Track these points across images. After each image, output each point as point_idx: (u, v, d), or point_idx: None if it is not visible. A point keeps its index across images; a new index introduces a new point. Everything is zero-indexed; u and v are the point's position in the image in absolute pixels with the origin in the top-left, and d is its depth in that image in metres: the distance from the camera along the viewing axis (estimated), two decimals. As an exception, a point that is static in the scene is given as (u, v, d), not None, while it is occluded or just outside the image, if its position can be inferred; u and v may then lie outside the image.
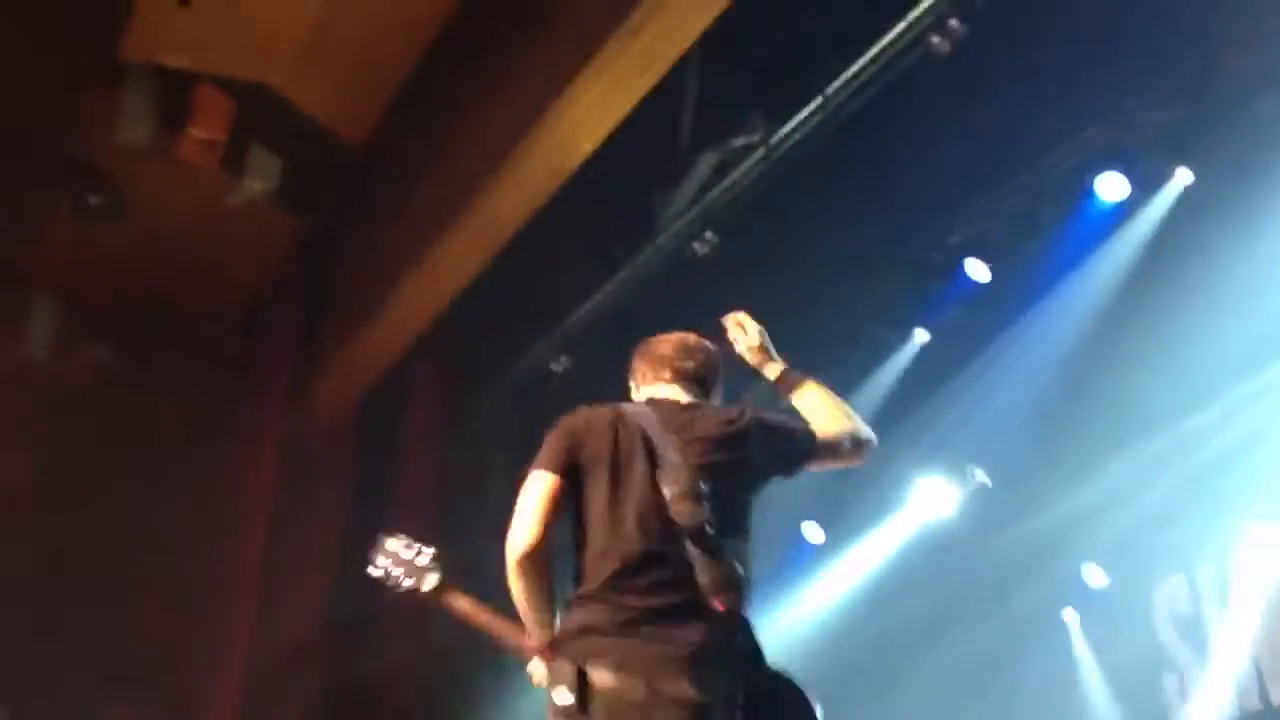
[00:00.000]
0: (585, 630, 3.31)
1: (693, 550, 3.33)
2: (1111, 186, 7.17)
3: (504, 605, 3.59)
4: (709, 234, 7.98)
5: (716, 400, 4.01)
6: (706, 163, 7.88)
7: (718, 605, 3.28)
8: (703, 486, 3.44)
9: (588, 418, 3.74)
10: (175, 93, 7.88)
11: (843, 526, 9.65)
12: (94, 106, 8.10)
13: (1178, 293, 7.54)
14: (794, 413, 3.97)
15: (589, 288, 8.72)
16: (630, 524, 3.41)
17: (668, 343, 4.06)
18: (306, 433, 9.42)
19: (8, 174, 8.42)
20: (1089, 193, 7.26)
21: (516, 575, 3.42)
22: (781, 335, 8.63)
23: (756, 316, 4.39)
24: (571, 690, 3.13)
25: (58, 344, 8.98)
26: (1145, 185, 7.17)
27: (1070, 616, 9.52)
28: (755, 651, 3.44)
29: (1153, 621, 9.21)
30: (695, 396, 3.91)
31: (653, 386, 3.95)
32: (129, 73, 7.81)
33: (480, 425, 9.72)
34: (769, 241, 8.12)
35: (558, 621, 3.43)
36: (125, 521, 9.20)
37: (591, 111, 7.64)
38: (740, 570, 3.39)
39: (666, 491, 3.42)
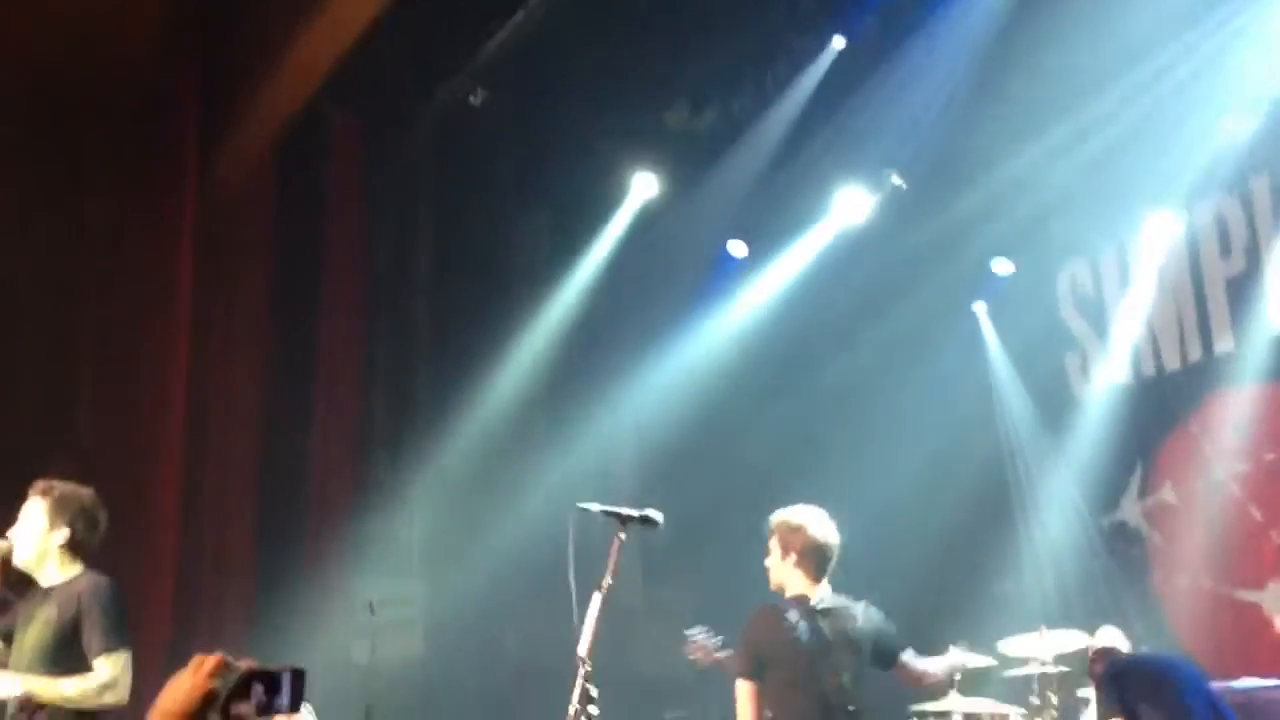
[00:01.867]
0: None
1: None
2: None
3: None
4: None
5: None
6: None
7: None
8: None
9: None
10: None
11: (765, 239, 9.94)
12: None
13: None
14: None
15: (500, 14, 8.58)
16: None
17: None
18: (222, 197, 9.23)
19: None
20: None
21: None
22: (701, 49, 8.68)
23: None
24: None
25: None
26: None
27: (979, 307, 10.06)
28: None
29: (1056, 305, 9.81)
30: None
31: None
32: None
33: (403, 171, 9.66)
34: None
35: None
36: (37, 314, 8.91)
37: None
38: None
39: None
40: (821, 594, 4.99)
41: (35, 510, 4.51)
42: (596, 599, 5.42)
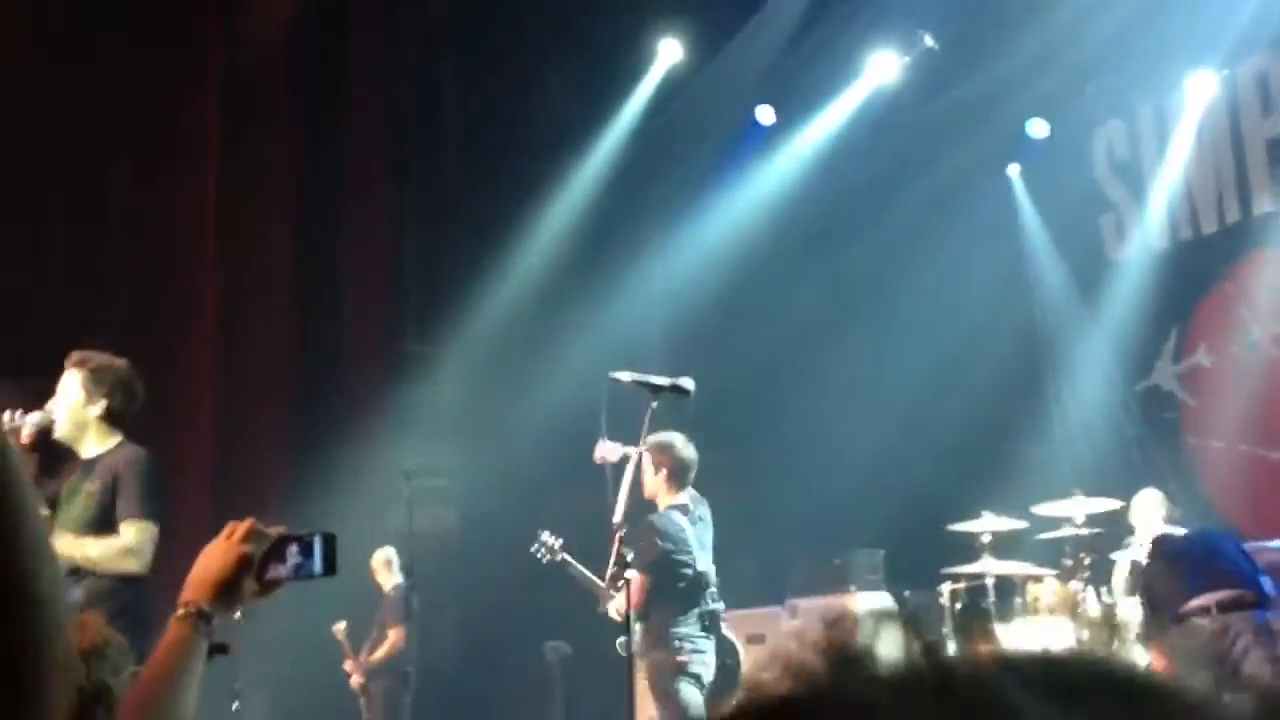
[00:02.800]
0: None
1: None
2: None
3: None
4: None
5: None
6: None
7: None
8: None
9: None
10: None
11: (794, 104, 9.75)
12: None
13: None
14: None
15: None
16: None
17: None
18: (246, 62, 9.08)
19: None
20: None
21: None
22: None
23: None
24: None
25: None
26: None
27: (1013, 170, 9.89)
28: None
29: (1092, 168, 9.63)
30: None
31: None
32: None
33: (425, 39, 9.48)
34: None
35: None
36: (65, 184, 8.81)
37: None
38: None
39: None
40: (685, 499, 5.73)
41: (72, 382, 4.47)
42: (630, 467, 5.48)
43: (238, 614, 2.13)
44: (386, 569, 8.06)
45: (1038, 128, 9.59)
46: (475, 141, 9.70)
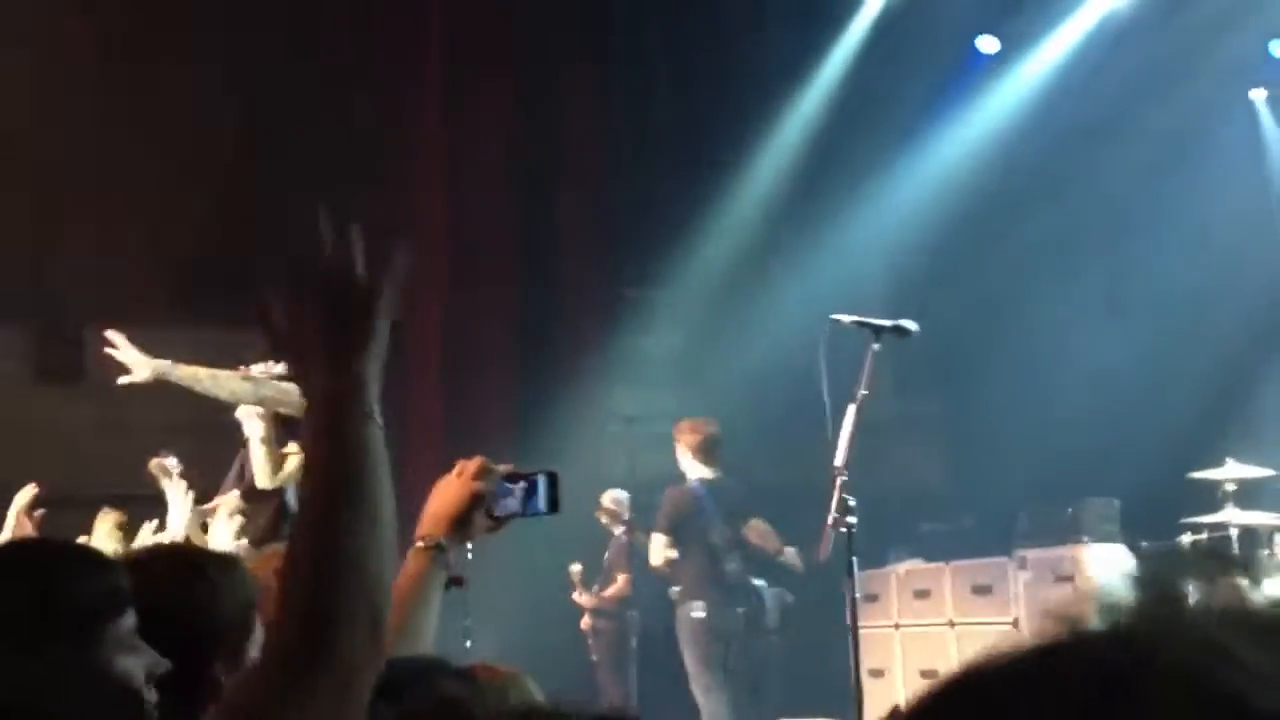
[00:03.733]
0: None
1: None
2: None
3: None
4: None
5: None
6: None
7: None
8: None
9: None
10: None
11: (1018, 32, 9.36)
12: None
13: None
14: None
15: None
16: None
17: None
18: (466, 10, 9.24)
19: None
20: None
21: None
22: None
23: None
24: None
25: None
26: None
27: (1258, 94, 9.30)
28: None
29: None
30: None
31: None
32: None
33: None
34: None
35: None
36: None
37: None
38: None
39: None
40: (709, 474, 6.67)
41: None
42: (851, 411, 5.38)
43: (469, 549, 2.20)
44: (615, 513, 8.11)
45: (1284, 48, 8.99)
46: (691, 81, 9.60)
